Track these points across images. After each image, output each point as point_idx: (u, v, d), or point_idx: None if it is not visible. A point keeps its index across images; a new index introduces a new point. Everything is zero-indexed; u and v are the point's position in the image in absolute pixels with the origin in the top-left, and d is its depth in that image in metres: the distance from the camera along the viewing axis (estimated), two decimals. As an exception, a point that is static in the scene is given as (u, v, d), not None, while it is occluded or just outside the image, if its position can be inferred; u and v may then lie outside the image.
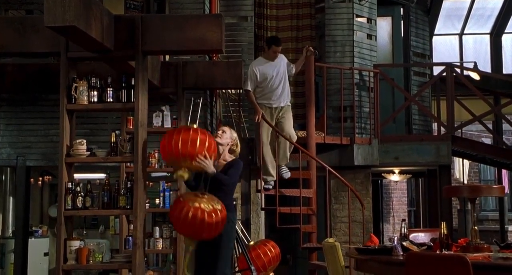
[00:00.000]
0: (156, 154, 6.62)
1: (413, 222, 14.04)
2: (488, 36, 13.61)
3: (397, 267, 4.74)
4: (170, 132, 5.12)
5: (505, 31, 13.44)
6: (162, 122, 6.70)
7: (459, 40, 13.69)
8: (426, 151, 8.83)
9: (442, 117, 9.69)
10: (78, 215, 5.52)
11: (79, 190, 5.24)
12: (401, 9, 10.37)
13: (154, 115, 6.66)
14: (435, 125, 10.78)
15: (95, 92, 5.33)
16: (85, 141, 5.36)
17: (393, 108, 9.69)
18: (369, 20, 9.30)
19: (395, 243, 4.99)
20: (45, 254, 9.68)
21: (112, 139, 5.36)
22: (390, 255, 4.93)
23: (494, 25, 13.39)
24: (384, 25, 10.22)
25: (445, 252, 4.68)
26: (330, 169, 7.49)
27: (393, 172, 10.83)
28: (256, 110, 7.60)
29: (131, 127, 6.36)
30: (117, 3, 8.15)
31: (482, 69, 12.17)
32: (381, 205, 13.37)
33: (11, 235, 8.83)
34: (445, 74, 9.25)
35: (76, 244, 5.22)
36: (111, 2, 7.80)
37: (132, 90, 5.33)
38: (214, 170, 5.10)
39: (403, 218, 12.75)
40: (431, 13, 11.25)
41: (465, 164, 13.67)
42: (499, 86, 11.10)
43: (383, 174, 11.02)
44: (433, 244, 4.98)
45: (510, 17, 13.14)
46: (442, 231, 4.85)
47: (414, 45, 10.34)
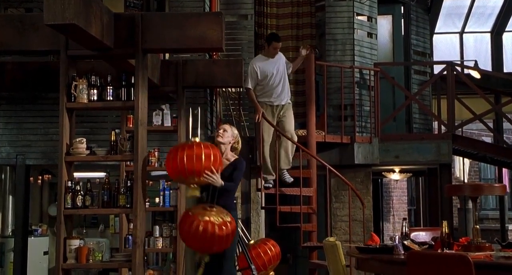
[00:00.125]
0: (156, 153, 6.60)
1: (413, 221, 14.02)
2: (489, 34, 13.58)
3: (398, 266, 4.72)
4: (174, 149, 5.05)
5: (506, 29, 13.42)
6: (162, 120, 6.69)
7: (459, 38, 13.66)
8: (426, 150, 8.81)
9: (442, 116, 9.68)
10: (78, 214, 5.52)
11: (79, 189, 5.23)
12: (402, 8, 10.35)
13: (154, 113, 6.65)
14: (435, 124, 10.76)
15: (95, 91, 5.32)
16: (85, 139, 5.35)
17: (394, 106, 9.68)
18: (369, 19, 9.28)
19: (396, 242, 4.97)
20: (45, 253, 9.67)
21: (112, 138, 5.35)
22: (391, 254, 4.90)
23: (495, 24, 13.36)
24: (384, 24, 10.20)
25: (446, 251, 4.66)
26: (330, 167, 7.48)
27: (394, 171, 10.81)
28: (257, 109, 7.57)
29: (131, 126, 6.35)
30: (117, 1, 8.14)
31: (483, 68, 12.13)
32: (381, 204, 13.37)
33: (10, 234, 8.82)
34: (445, 72, 9.23)
35: (75, 243, 5.21)
36: (111, 1, 7.77)
37: (132, 89, 5.33)
38: (222, 182, 5.06)
39: (403, 217, 12.72)
40: (432, 11, 11.23)
41: (465, 163, 13.65)
42: (499, 85, 11.10)
43: (383, 173, 10.99)
44: (434, 243, 4.96)
45: (510, 16, 13.12)
46: (444, 230, 4.82)
47: (415, 44, 10.32)
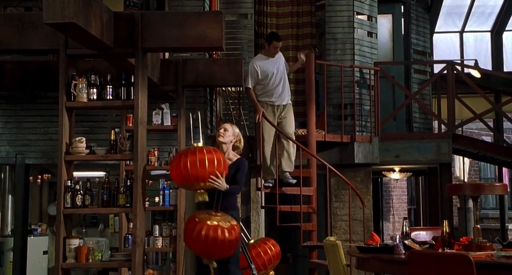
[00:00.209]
0: (156, 152, 6.59)
1: (413, 220, 14.00)
2: (489, 33, 13.56)
3: (399, 265, 4.72)
4: (177, 155, 5.08)
5: (506, 28, 13.40)
6: (162, 119, 6.68)
7: (459, 37, 13.64)
8: (426, 149, 8.80)
9: (442, 115, 9.67)
10: (78, 213, 5.51)
11: (78, 188, 5.22)
12: (402, 7, 10.33)
13: (153, 113, 6.64)
14: (435, 123, 10.74)
15: (95, 90, 5.31)
16: (84, 139, 5.35)
17: (394, 106, 9.66)
18: (369, 18, 9.26)
19: (397, 241, 4.96)
20: (44, 252, 9.67)
21: (112, 137, 5.34)
22: (392, 254, 4.90)
23: (495, 23, 13.35)
24: (384, 23, 10.19)
25: (447, 250, 4.65)
26: (330, 167, 7.47)
27: (394, 170, 10.80)
28: (257, 108, 7.55)
29: (131, 125, 6.34)
30: (117, 0, 8.12)
31: (483, 67, 12.14)
32: (381, 204, 13.36)
33: (10, 233, 8.81)
34: (445, 72, 9.22)
35: (75, 242, 5.20)
36: (110, 0, 7.76)
37: (132, 88, 5.32)
38: (227, 186, 5.06)
39: (403, 216, 12.71)
40: (432, 10, 11.22)
41: (465, 162, 13.64)
42: (500, 84, 11.08)
43: (383, 172, 10.98)
44: (435, 243, 4.95)
45: (511, 15, 13.10)
46: (444, 229, 4.82)
47: (415, 43, 10.31)
